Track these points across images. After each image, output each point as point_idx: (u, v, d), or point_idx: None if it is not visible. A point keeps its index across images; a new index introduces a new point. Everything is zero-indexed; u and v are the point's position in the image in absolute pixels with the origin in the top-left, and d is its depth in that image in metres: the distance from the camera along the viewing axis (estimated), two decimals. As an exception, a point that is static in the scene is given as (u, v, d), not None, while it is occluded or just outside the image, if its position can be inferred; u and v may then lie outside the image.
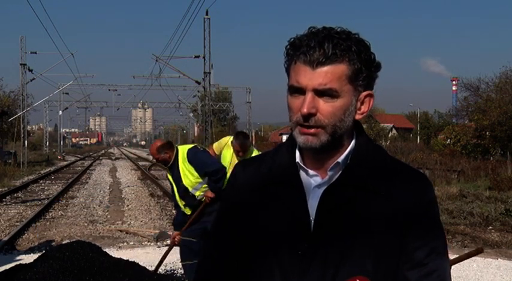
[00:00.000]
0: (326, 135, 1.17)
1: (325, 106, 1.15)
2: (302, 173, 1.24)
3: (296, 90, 1.17)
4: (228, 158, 5.84)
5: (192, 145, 5.30)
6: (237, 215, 1.30)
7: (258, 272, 1.25)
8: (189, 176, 5.05)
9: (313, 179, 1.23)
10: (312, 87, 1.14)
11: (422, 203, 1.21)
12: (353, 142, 1.24)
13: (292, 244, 1.20)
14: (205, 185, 5.10)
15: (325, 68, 1.14)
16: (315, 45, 1.14)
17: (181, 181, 5.07)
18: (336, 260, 1.18)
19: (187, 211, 5.22)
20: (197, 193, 5.09)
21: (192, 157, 5.02)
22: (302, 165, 1.24)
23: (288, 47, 1.19)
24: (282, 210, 1.23)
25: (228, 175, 3.51)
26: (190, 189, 5.08)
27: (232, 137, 5.97)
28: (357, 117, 1.22)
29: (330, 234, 1.18)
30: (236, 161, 5.71)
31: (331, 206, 1.19)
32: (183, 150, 5.11)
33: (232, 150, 5.83)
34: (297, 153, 1.25)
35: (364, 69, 1.17)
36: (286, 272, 1.21)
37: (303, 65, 1.15)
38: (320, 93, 1.15)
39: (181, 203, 5.21)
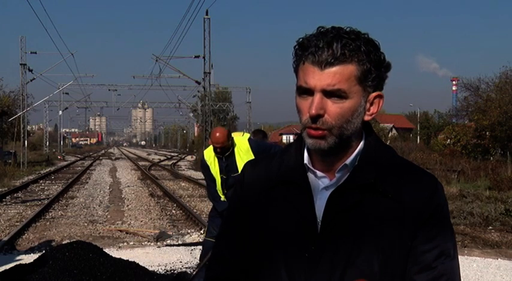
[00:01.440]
0: (334, 138, 1.15)
1: (333, 107, 1.14)
2: (310, 175, 1.23)
3: (304, 91, 1.16)
4: None
5: (247, 135, 5.14)
6: (245, 215, 1.29)
7: (265, 273, 1.24)
8: None
9: (321, 181, 1.22)
10: (320, 88, 1.13)
11: (432, 205, 1.19)
12: (362, 143, 1.23)
13: (299, 246, 1.19)
14: None
15: (334, 69, 1.12)
16: (323, 45, 1.12)
17: (237, 171, 4.84)
18: (343, 263, 1.17)
19: None
20: None
21: (256, 146, 4.87)
22: (310, 166, 1.23)
23: (297, 47, 1.17)
24: (289, 211, 1.22)
25: None
26: None
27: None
28: (366, 118, 1.20)
29: (337, 236, 1.17)
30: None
31: (339, 208, 1.18)
32: (241, 140, 4.95)
33: None
34: (305, 154, 1.24)
35: (374, 69, 1.15)
36: (293, 274, 1.20)
37: (311, 65, 1.14)
38: (329, 94, 1.13)
39: (222, 193, 5.03)
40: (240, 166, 4.86)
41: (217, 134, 4.82)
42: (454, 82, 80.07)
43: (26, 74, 32.85)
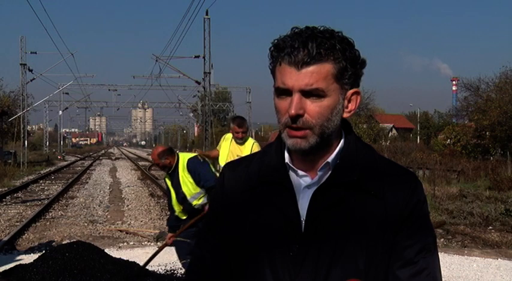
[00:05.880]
0: (315, 137, 1.16)
1: (312, 106, 1.15)
2: (292, 174, 1.24)
3: (283, 92, 1.17)
4: (226, 148, 6.09)
5: (193, 155, 5.34)
6: (227, 217, 1.29)
7: (250, 273, 1.24)
8: (188, 184, 5.11)
9: (302, 180, 1.23)
10: (298, 88, 1.14)
11: (413, 202, 1.21)
12: (342, 141, 1.24)
13: (284, 245, 1.20)
14: (203, 195, 5.15)
15: (311, 68, 1.13)
16: (298, 45, 1.13)
17: (180, 188, 5.12)
18: (327, 261, 1.18)
19: (182, 216, 5.31)
20: (194, 202, 5.16)
21: (191, 167, 5.08)
22: (291, 165, 1.23)
23: (272, 48, 1.18)
24: (272, 211, 1.22)
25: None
26: (188, 197, 5.14)
27: (249, 138, 6.21)
28: (345, 115, 1.21)
29: (321, 235, 1.18)
30: (234, 149, 5.93)
31: (322, 206, 1.19)
32: (183, 158, 5.17)
33: (229, 142, 6.08)
34: (286, 153, 1.25)
35: (350, 67, 1.16)
36: (278, 274, 1.20)
37: (288, 66, 1.15)
38: (307, 93, 1.14)
39: (178, 208, 5.27)
40: (182, 181, 5.11)
41: (152, 153, 5.23)
42: (454, 82, 79.99)
43: (26, 74, 32.88)
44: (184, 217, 5.33)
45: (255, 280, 1.23)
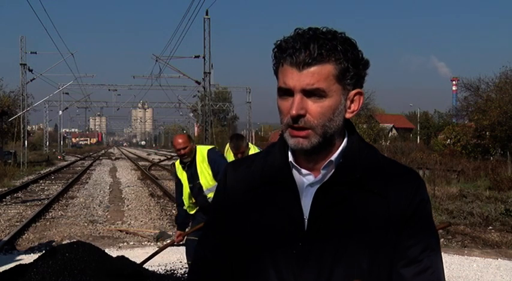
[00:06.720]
0: (317, 137, 1.17)
1: (313, 106, 1.16)
2: (295, 172, 1.24)
3: (285, 92, 1.18)
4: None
5: (211, 146, 5.29)
6: (230, 216, 1.29)
7: (253, 272, 1.24)
8: (206, 176, 5.04)
9: (306, 178, 1.23)
10: (299, 88, 1.15)
11: (416, 201, 1.21)
12: (345, 141, 1.25)
13: (287, 243, 1.20)
14: None
15: (312, 69, 1.14)
16: (300, 46, 1.14)
17: (198, 179, 5.05)
18: (330, 259, 1.18)
19: (191, 211, 5.25)
20: (209, 195, 5.10)
21: (212, 158, 5.02)
22: (295, 164, 1.24)
23: (275, 49, 1.19)
24: (275, 210, 1.23)
25: None
26: (204, 189, 5.08)
27: (251, 144, 6.20)
28: (347, 116, 1.22)
29: (324, 233, 1.19)
30: None
31: (325, 204, 1.19)
32: (202, 149, 5.11)
33: (232, 154, 6.04)
34: (290, 153, 1.25)
35: (352, 68, 1.17)
36: (282, 273, 1.21)
37: (289, 67, 1.16)
38: (308, 93, 1.15)
39: (188, 202, 5.19)
40: (200, 172, 5.04)
41: (178, 138, 5.07)
42: (454, 82, 79.93)
43: (26, 74, 32.88)
44: (193, 212, 5.28)
45: (259, 279, 1.23)
